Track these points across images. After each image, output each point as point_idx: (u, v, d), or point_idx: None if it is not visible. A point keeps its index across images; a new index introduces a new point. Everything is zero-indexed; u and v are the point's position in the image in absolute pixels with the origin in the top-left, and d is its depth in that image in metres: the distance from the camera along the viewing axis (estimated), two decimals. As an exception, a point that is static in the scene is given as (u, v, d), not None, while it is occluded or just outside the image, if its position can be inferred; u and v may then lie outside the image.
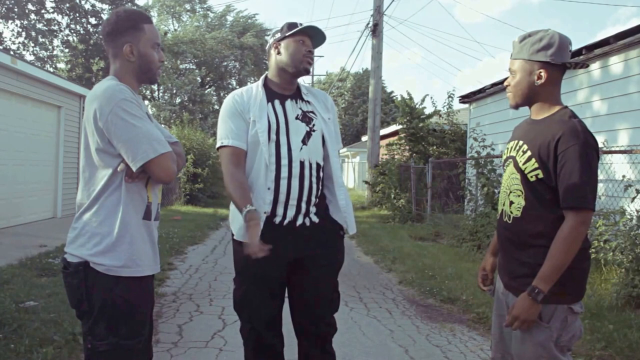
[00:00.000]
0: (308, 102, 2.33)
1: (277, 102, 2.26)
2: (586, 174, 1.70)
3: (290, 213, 2.19)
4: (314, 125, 2.27)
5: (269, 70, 2.35)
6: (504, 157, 2.00)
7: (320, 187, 2.29)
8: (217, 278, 5.64)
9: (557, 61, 1.79)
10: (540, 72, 1.81)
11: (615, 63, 6.53)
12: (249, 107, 2.21)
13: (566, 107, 1.86)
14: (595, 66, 6.87)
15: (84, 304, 1.71)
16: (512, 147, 1.93)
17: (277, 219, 2.18)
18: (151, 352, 1.92)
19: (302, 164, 2.20)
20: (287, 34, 2.24)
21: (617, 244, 4.57)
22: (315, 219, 2.25)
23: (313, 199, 2.24)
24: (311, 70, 2.32)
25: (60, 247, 6.42)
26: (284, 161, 2.18)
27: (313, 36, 2.28)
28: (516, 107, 1.94)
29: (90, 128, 1.70)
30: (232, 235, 2.29)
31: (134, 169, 1.68)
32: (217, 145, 2.23)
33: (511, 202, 1.89)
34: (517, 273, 1.85)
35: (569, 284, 1.77)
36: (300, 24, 2.26)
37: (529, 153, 1.82)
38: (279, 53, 2.27)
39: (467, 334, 4.01)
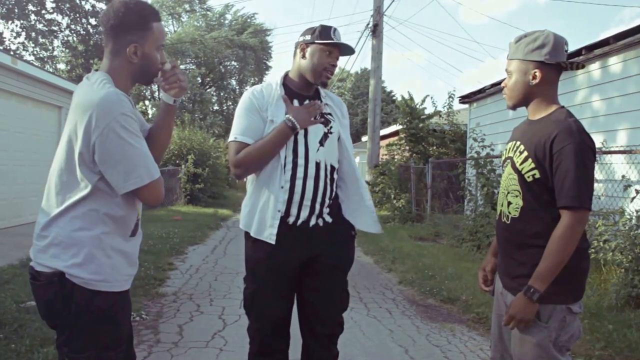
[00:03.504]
0: (326, 104, 2.33)
1: (295, 102, 2.25)
2: (581, 173, 1.70)
3: (304, 214, 2.19)
4: (331, 127, 2.27)
5: (291, 68, 2.32)
6: (503, 157, 2.01)
7: (334, 188, 2.30)
8: (217, 278, 5.65)
9: (551, 60, 1.80)
10: (535, 72, 1.82)
11: (615, 63, 6.54)
12: (267, 106, 2.20)
13: (563, 107, 1.86)
14: (594, 66, 6.88)
15: (60, 316, 1.58)
16: (510, 148, 1.94)
17: (291, 219, 2.18)
18: (134, 357, 1.83)
19: (317, 165, 2.20)
20: (316, 41, 2.20)
21: (617, 244, 4.57)
22: (329, 219, 2.26)
23: (327, 200, 2.24)
24: (328, 81, 2.30)
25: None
26: (301, 161, 2.18)
27: (342, 48, 2.26)
28: (513, 107, 1.94)
29: (79, 134, 1.52)
30: (246, 233, 2.27)
31: (120, 191, 1.55)
32: (229, 139, 2.23)
33: (509, 203, 1.89)
34: (515, 273, 1.86)
35: (568, 284, 1.78)
36: (335, 30, 2.21)
37: (525, 153, 1.82)
38: (303, 56, 2.24)
39: (467, 333, 4.01)
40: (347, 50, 2.27)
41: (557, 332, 1.78)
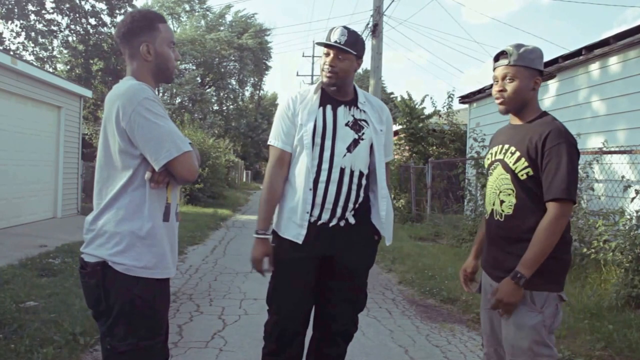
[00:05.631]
0: (364, 111, 2.33)
1: (329, 107, 2.28)
2: (570, 169, 1.82)
3: (325, 216, 2.24)
4: (363, 133, 2.29)
5: None
6: (488, 162, 2.11)
7: (362, 194, 2.31)
8: (217, 278, 5.65)
9: (544, 71, 1.98)
10: (537, 80, 1.97)
11: (615, 63, 6.54)
12: (299, 111, 2.25)
13: (546, 112, 2.01)
14: (594, 66, 6.88)
15: (102, 304, 1.70)
16: (497, 152, 2.05)
17: (312, 219, 2.23)
18: (168, 353, 1.92)
19: (342, 170, 2.23)
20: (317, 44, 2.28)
21: (617, 244, 4.57)
22: (352, 220, 2.29)
23: (350, 205, 2.27)
24: (333, 82, 2.25)
25: (61, 247, 6.42)
26: (325, 165, 2.22)
27: (339, 46, 2.19)
28: (507, 112, 2.04)
29: (111, 128, 1.68)
30: (273, 230, 2.33)
31: (156, 168, 1.67)
32: (268, 142, 2.32)
33: (502, 201, 1.98)
34: (510, 266, 1.92)
35: (558, 273, 1.91)
36: (333, 30, 2.22)
37: (517, 154, 1.94)
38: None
39: (467, 334, 4.01)
40: (342, 46, 2.18)
41: (550, 318, 1.88)
